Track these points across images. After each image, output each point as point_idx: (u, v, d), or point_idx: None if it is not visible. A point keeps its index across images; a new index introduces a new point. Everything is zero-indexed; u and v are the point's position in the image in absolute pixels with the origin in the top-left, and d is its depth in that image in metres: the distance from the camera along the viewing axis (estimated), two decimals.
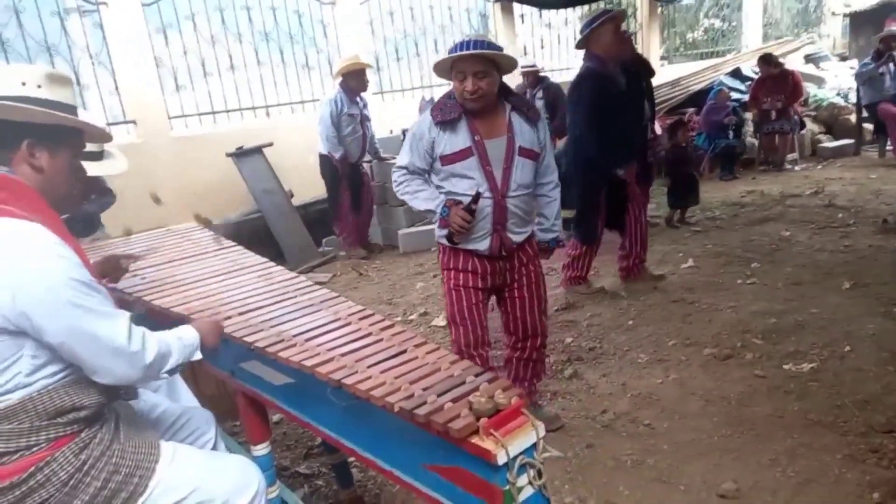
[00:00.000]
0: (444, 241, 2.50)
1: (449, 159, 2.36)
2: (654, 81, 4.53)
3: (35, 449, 1.30)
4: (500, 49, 2.33)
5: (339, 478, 2.39)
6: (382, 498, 2.44)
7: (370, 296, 4.68)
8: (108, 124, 5.31)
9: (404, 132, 6.36)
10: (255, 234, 5.32)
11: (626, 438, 2.62)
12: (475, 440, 1.20)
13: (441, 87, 8.06)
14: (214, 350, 1.68)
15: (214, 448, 1.90)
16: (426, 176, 2.50)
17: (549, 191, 2.57)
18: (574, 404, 2.93)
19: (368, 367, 1.49)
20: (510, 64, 2.36)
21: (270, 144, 5.72)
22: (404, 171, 2.47)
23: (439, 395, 1.32)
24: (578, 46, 3.89)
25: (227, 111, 6.17)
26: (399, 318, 4.17)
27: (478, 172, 2.36)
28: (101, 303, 1.32)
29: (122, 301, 2.05)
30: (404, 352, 1.55)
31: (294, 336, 1.71)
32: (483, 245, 2.44)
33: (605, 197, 4.02)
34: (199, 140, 5.73)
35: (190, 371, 2.65)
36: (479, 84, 2.25)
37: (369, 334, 1.68)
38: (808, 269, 4.28)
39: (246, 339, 1.73)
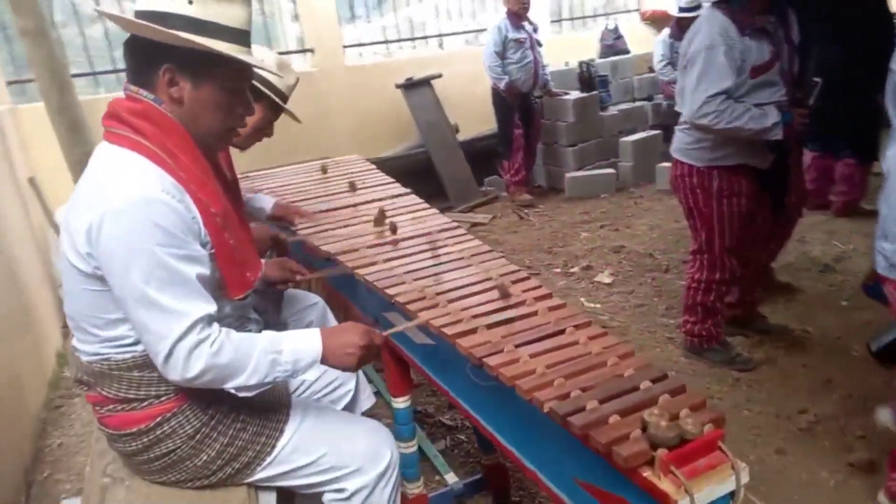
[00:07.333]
0: (728, 161, 2.40)
1: (760, 70, 2.29)
2: None
3: (164, 398, 1.24)
4: None
5: (481, 441, 2.22)
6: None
7: (529, 242, 4.40)
8: (288, 52, 5.46)
9: (582, 64, 5.84)
10: (418, 168, 5.23)
11: (829, 450, 2.14)
12: (647, 474, 0.91)
13: (626, 14, 7.30)
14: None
15: (354, 398, 1.80)
16: None
17: None
18: (762, 396, 2.46)
19: (517, 346, 1.24)
20: None
21: (439, 76, 5.52)
22: (724, 95, 2.26)
23: (602, 402, 1.03)
24: None
25: (400, 41, 6.05)
26: (559, 270, 3.86)
27: (779, 78, 2.32)
28: (171, 290, 1.11)
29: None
30: (562, 332, 1.27)
31: (437, 294, 1.51)
32: (772, 156, 2.39)
33: None
34: (370, 70, 5.70)
35: (343, 315, 2.61)
36: None
37: (522, 303, 1.42)
38: None
39: (387, 290, 1.57)
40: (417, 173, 5.24)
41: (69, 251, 1.15)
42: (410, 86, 5.40)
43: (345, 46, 5.62)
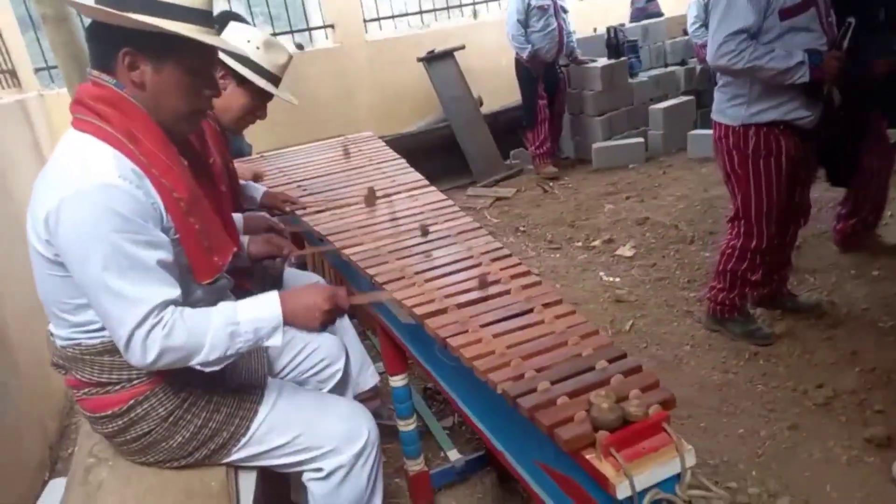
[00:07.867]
0: (765, 118, 2.27)
1: (790, 12, 2.17)
2: None
3: (136, 382, 1.26)
4: None
5: None
6: None
7: (552, 216, 4.32)
8: (309, 29, 5.45)
9: (609, 30, 5.64)
10: (441, 143, 5.20)
11: (846, 425, 2.05)
12: (590, 457, 0.88)
13: None
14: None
15: (343, 379, 1.81)
16: None
17: None
18: (780, 370, 2.37)
19: (482, 325, 1.22)
20: None
21: (462, 47, 5.42)
22: (744, 35, 2.17)
23: (554, 383, 1.00)
24: None
25: (421, 12, 5.96)
26: (580, 244, 3.78)
27: (817, 24, 2.20)
28: (129, 276, 1.11)
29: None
30: (530, 311, 1.24)
31: (416, 273, 1.50)
32: (816, 113, 2.26)
33: None
34: (391, 44, 5.64)
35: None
36: None
37: (496, 282, 1.39)
38: None
39: (368, 270, 1.57)
40: (441, 148, 5.20)
41: (32, 237, 1.17)
42: (433, 59, 5.32)
43: (366, 21, 5.57)
